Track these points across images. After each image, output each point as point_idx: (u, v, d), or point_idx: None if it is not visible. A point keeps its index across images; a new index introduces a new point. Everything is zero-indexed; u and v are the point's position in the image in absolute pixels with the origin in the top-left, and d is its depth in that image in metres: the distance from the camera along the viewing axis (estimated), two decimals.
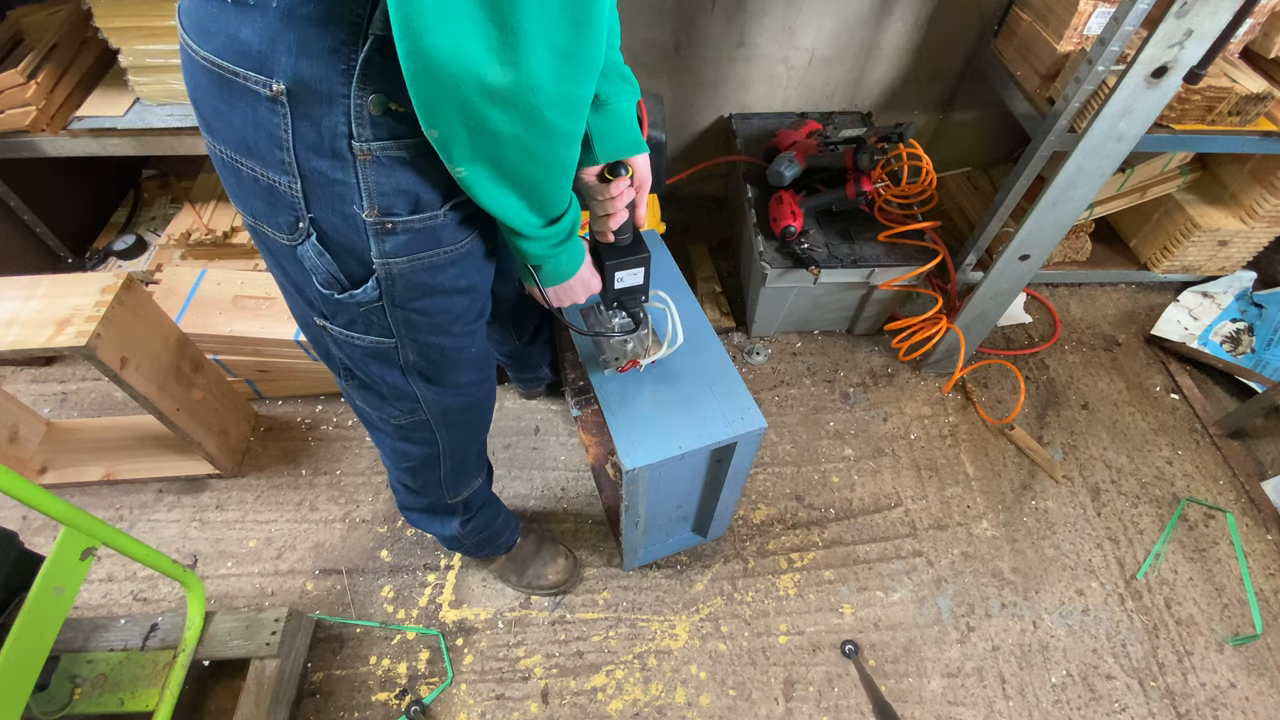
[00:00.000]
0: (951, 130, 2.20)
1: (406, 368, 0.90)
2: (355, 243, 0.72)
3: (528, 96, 0.58)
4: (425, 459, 1.09)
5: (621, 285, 1.03)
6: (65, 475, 1.58)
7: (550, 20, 0.53)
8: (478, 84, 0.56)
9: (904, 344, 1.87)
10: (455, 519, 1.26)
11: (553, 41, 0.55)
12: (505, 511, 1.40)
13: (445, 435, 1.06)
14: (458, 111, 0.59)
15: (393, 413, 0.99)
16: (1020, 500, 1.69)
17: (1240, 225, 1.95)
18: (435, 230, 0.74)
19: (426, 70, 0.55)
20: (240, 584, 1.50)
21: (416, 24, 0.52)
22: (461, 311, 0.88)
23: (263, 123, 0.63)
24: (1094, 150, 1.28)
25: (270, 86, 0.60)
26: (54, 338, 1.20)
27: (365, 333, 0.83)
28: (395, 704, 1.35)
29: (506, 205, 0.71)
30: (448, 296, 0.83)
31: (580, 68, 0.59)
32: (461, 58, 0.54)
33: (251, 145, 0.65)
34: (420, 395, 0.96)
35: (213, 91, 0.64)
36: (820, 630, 1.47)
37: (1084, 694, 1.41)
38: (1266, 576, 1.57)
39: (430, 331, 0.86)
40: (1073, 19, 1.54)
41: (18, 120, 1.51)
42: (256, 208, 0.72)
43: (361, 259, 0.73)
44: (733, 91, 2.03)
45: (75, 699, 1.20)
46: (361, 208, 0.68)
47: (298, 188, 0.67)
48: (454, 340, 0.91)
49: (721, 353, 1.22)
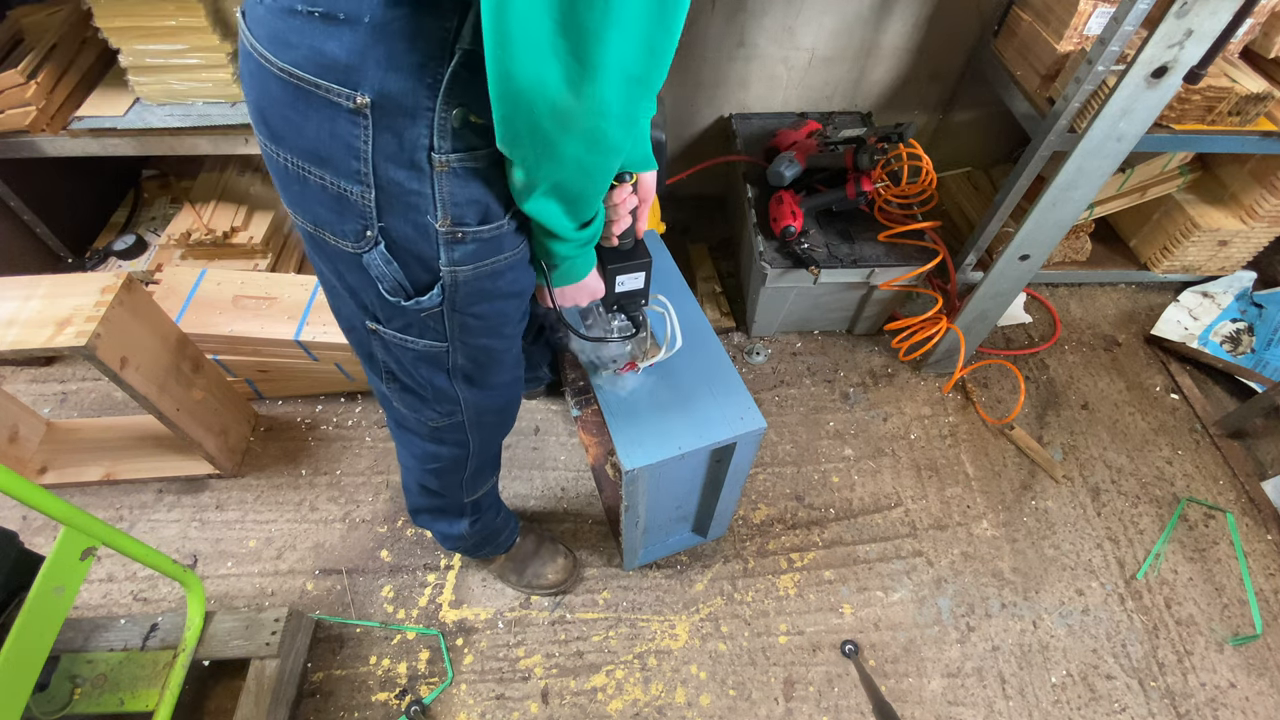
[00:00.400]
0: (951, 130, 2.20)
1: (453, 370, 0.92)
2: (425, 251, 0.73)
3: (595, 120, 0.61)
4: (454, 460, 1.11)
5: (622, 289, 1.05)
6: (65, 475, 1.58)
7: (628, 52, 0.56)
8: (550, 107, 0.59)
9: (904, 344, 1.87)
10: (465, 519, 1.27)
11: (626, 69, 0.57)
12: (505, 511, 1.40)
13: (477, 436, 1.08)
14: (529, 129, 0.61)
15: (431, 415, 1.00)
16: (1020, 500, 1.69)
17: (1240, 225, 1.95)
18: (500, 239, 0.76)
19: (508, 91, 0.58)
20: (240, 584, 1.50)
21: (505, 50, 0.55)
22: (511, 314, 0.90)
23: (341, 134, 0.64)
24: (1094, 150, 1.28)
25: (354, 99, 0.61)
26: (54, 338, 1.20)
27: (420, 336, 0.85)
28: (395, 704, 1.35)
29: (552, 212, 0.74)
30: (503, 300, 0.85)
31: (648, 89, 0.62)
32: (540, 84, 0.57)
33: (325, 155, 0.66)
34: (462, 397, 0.98)
35: (286, 101, 0.64)
36: (820, 630, 1.47)
37: (1084, 694, 1.41)
38: (1266, 576, 1.57)
39: (483, 335, 0.89)
40: (1073, 19, 1.54)
41: (18, 120, 1.51)
42: (320, 215, 0.73)
43: (429, 267, 0.75)
44: (733, 91, 2.03)
45: (75, 699, 1.20)
46: (435, 217, 0.70)
47: (371, 197, 0.68)
48: (501, 342, 0.93)
49: (721, 353, 1.22)
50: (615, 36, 0.54)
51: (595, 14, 0.53)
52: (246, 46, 0.66)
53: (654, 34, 0.56)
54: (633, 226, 0.99)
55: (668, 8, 0.55)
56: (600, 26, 0.53)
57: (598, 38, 0.54)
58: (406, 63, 0.60)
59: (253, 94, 0.68)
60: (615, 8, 0.52)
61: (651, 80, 0.61)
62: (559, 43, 0.54)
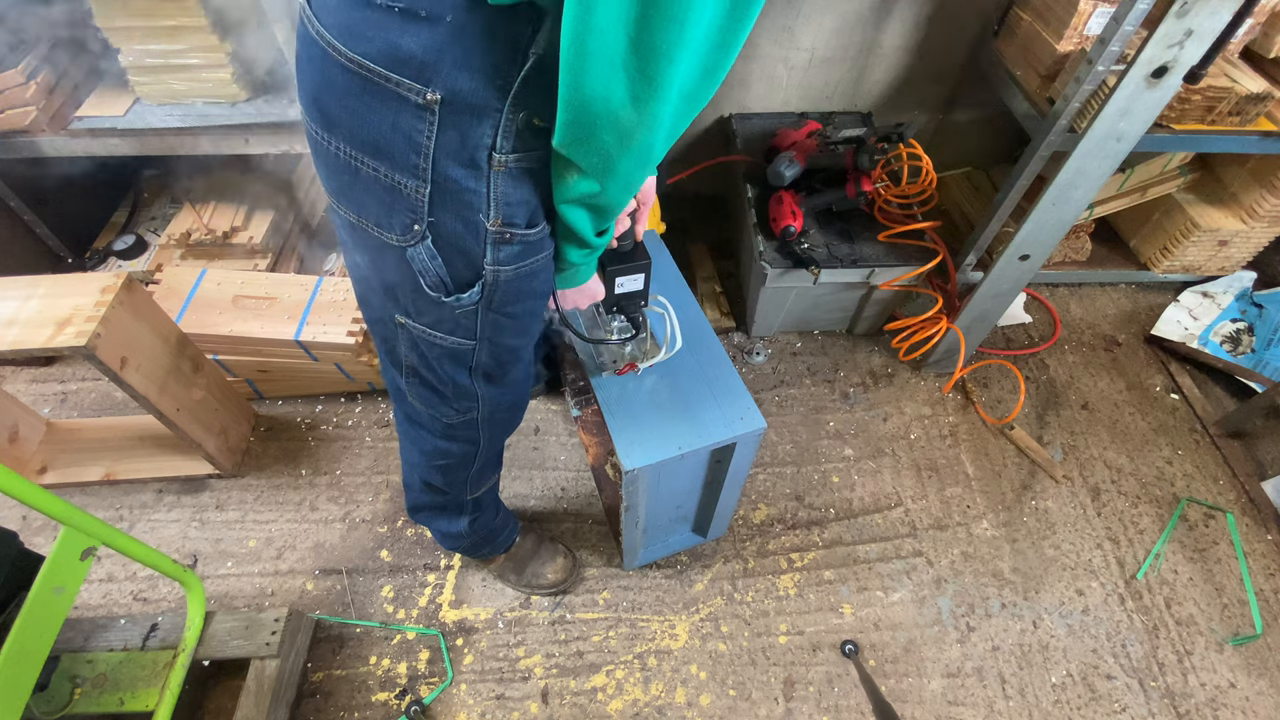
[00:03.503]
0: (951, 130, 2.19)
1: (475, 368, 0.93)
2: (472, 248, 0.75)
3: (648, 135, 0.63)
4: (463, 457, 1.11)
5: (622, 290, 1.06)
6: (65, 475, 1.58)
7: (691, 72, 0.59)
8: (613, 119, 0.61)
9: (904, 344, 1.87)
10: (465, 516, 1.28)
11: (685, 88, 0.61)
12: (505, 511, 1.40)
13: (487, 433, 1.09)
14: (589, 136, 0.63)
15: (448, 412, 1.01)
16: (1020, 500, 1.69)
17: (1240, 225, 1.95)
18: (541, 240, 0.78)
19: (576, 99, 0.60)
20: (240, 584, 1.50)
21: (580, 62, 0.57)
22: (539, 312, 0.92)
23: (404, 127, 0.65)
24: (1094, 150, 1.28)
25: (425, 95, 0.62)
26: (54, 338, 1.20)
27: (450, 333, 0.86)
28: (395, 704, 1.35)
29: (580, 218, 0.76)
30: (534, 300, 0.87)
31: (696, 107, 0.65)
32: (607, 97, 0.59)
33: (384, 147, 0.67)
34: (480, 394, 0.99)
35: (350, 90, 0.65)
36: (820, 630, 1.47)
37: (1084, 694, 1.41)
38: (1266, 576, 1.57)
39: (510, 334, 0.90)
40: (1073, 19, 1.54)
41: (18, 120, 1.51)
42: (367, 206, 0.73)
43: (473, 264, 0.76)
44: (733, 91, 2.03)
45: (75, 699, 1.20)
46: (488, 216, 0.72)
47: (425, 192, 0.69)
48: (524, 340, 0.95)
49: (721, 353, 1.22)
50: (682, 57, 0.57)
51: (669, 36, 0.55)
52: (310, 33, 0.66)
53: (716, 56, 0.59)
54: (632, 229, 1.00)
55: (731, 33, 0.57)
56: (671, 47, 0.55)
57: (667, 58, 0.56)
58: (481, 64, 0.61)
59: (310, 81, 0.68)
60: (688, 31, 0.55)
61: (701, 98, 0.64)
62: (630, 60, 0.57)
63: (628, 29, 0.55)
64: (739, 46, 0.59)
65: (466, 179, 0.68)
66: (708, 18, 0.55)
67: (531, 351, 1.04)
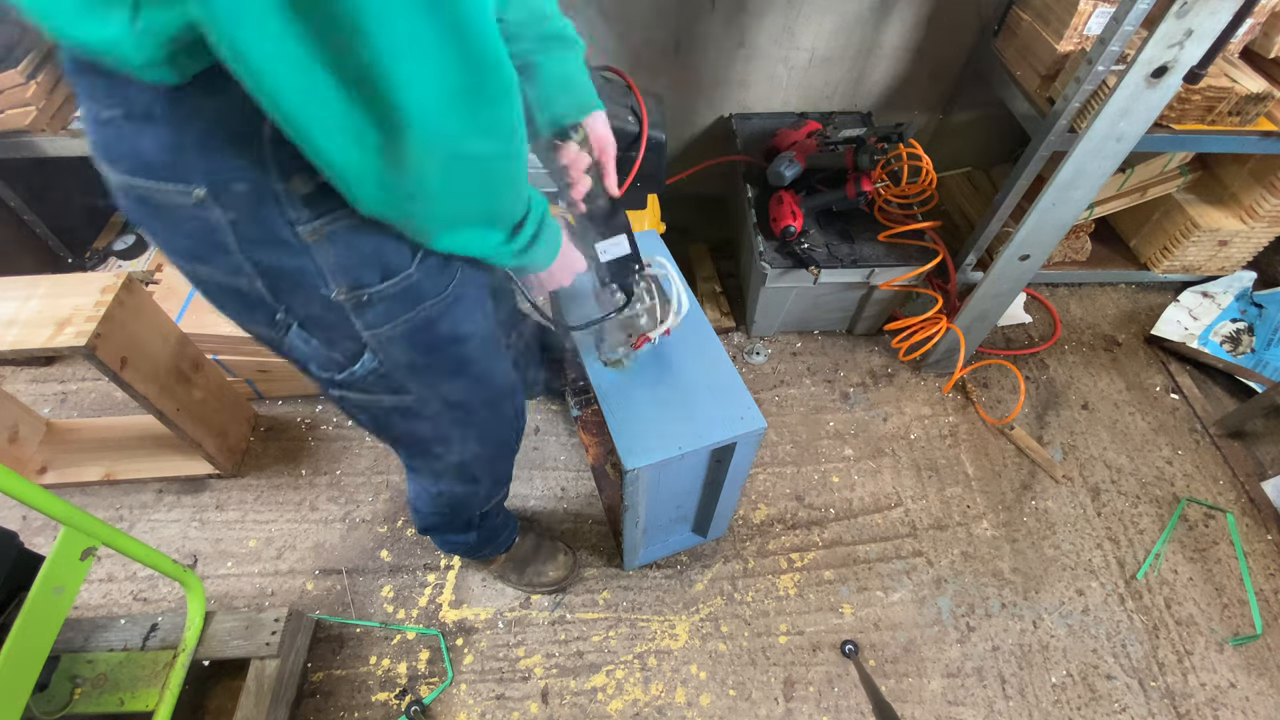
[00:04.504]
0: (951, 130, 2.19)
1: (436, 418, 0.88)
2: (337, 322, 0.69)
3: (441, 147, 0.54)
4: (468, 494, 1.10)
5: (608, 257, 0.96)
6: (65, 475, 1.58)
7: (431, 77, 0.49)
8: (377, 181, 0.54)
9: (904, 344, 1.86)
10: (473, 530, 1.27)
11: (445, 86, 0.50)
12: (506, 512, 1.40)
13: (485, 470, 1.07)
14: (379, 197, 0.56)
15: (431, 461, 0.98)
16: (1020, 500, 1.69)
17: (1240, 225, 1.95)
18: (412, 288, 0.70)
19: (331, 175, 0.54)
20: (240, 584, 1.50)
21: (303, 137, 0.51)
22: (474, 355, 0.84)
23: (200, 230, 0.59)
24: (1094, 150, 1.28)
25: (192, 193, 0.56)
26: (54, 338, 1.20)
27: (385, 392, 0.81)
28: (395, 704, 1.35)
29: (468, 240, 0.68)
30: (452, 346, 0.80)
31: (482, 94, 0.53)
32: (358, 163, 0.52)
33: (200, 254, 0.62)
34: (455, 439, 0.94)
35: (145, 212, 0.60)
36: (820, 630, 1.47)
37: (1084, 694, 1.41)
38: (1266, 576, 1.57)
39: (449, 379, 0.84)
40: (1073, 19, 1.54)
41: (18, 120, 1.51)
42: (236, 312, 0.69)
43: (348, 334, 0.70)
44: (733, 91, 2.03)
45: (75, 699, 1.20)
46: (329, 289, 0.65)
47: (260, 285, 0.63)
48: (476, 382, 0.88)
49: (721, 353, 1.22)
50: (405, 70, 0.47)
51: (367, 51, 0.45)
52: (103, 172, 0.59)
53: (450, 43, 0.48)
54: (598, 185, 0.88)
55: (445, 8, 0.46)
56: (378, 64, 0.46)
57: (385, 79, 0.46)
58: (222, 143, 0.55)
59: (133, 221, 0.62)
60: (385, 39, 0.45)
61: (485, 83, 0.52)
62: (355, 112, 0.48)
63: (330, 72, 0.46)
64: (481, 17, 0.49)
65: (286, 259, 0.61)
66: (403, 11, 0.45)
67: (508, 386, 0.98)
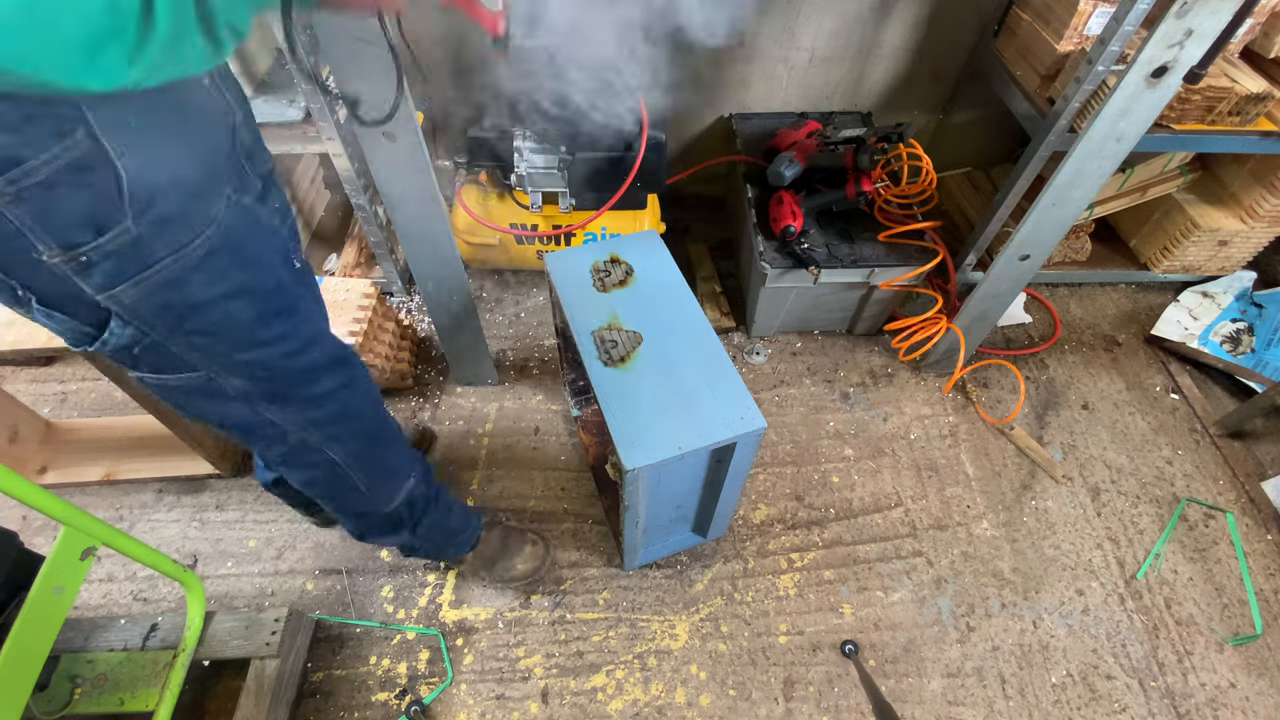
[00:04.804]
0: (951, 130, 2.20)
1: (242, 396, 0.83)
2: (68, 289, 0.63)
3: None
4: (331, 479, 1.03)
5: None
6: (65, 475, 1.58)
7: None
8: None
9: (904, 344, 1.87)
10: (404, 529, 1.23)
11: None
12: (462, 508, 1.37)
13: (338, 450, 0.99)
14: None
15: (263, 446, 0.92)
16: (1020, 500, 1.69)
17: (1240, 225, 1.95)
18: (139, 243, 0.63)
19: None
20: (240, 584, 1.50)
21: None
22: (251, 318, 0.77)
23: None
24: (1094, 150, 1.28)
25: None
26: (54, 338, 1.20)
27: (173, 371, 0.76)
28: (395, 704, 1.35)
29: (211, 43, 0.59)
30: (217, 306, 0.73)
31: None
32: None
33: None
34: (279, 420, 0.88)
35: None
36: (820, 630, 1.47)
37: (1084, 694, 1.41)
38: (1266, 576, 1.57)
39: (234, 350, 0.77)
40: (1073, 19, 1.54)
41: None
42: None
43: (83, 301, 0.65)
44: (733, 91, 2.03)
45: (75, 699, 1.20)
46: (40, 252, 0.59)
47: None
48: (272, 349, 0.81)
49: (721, 353, 1.22)
50: None
51: None
52: None
53: None
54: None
55: None
56: None
57: None
58: None
59: None
60: None
61: None
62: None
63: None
64: None
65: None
66: None
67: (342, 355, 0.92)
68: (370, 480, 1.08)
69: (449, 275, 1.47)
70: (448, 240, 1.38)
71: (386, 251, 1.87)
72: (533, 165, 1.70)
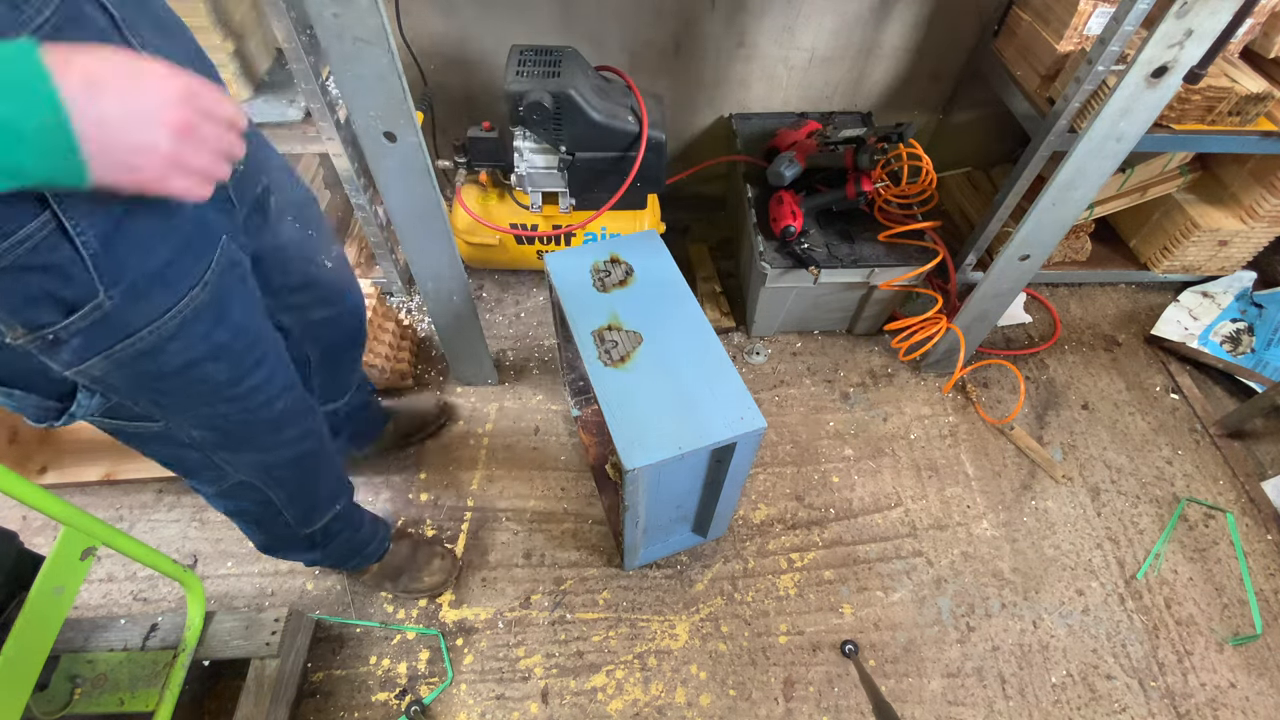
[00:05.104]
0: (951, 130, 2.19)
1: (198, 445, 0.79)
2: (31, 365, 0.60)
3: None
4: (262, 513, 1.02)
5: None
6: (65, 475, 1.58)
7: None
8: None
9: (904, 344, 1.87)
10: (316, 549, 1.22)
11: None
12: (370, 523, 1.35)
13: (279, 492, 0.98)
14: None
15: (200, 482, 0.90)
16: (1020, 500, 1.69)
17: (1240, 225, 1.95)
18: (112, 320, 0.59)
19: None
20: (240, 584, 1.50)
21: None
22: (226, 378, 0.73)
23: None
24: (1094, 150, 1.28)
25: None
26: None
27: (128, 419, 0.72)
28: (395, 704, 1.35)
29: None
30: (194, 369, 0.69)
31: None
32: None
33: None
34: (229, 465, 0.86)
35: None
36: (820, 630, 1.47)
37: (1084, 694, 1.41)
38: (1266, 576, 1.57)
39: (203, 405, 0.74)
40: (1073, 19, 1.55)
41: None
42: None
43: (50, 377, 0.62)
44: (733, 91, 2.03)
45: (75, 699, 1.20)
46: (3, 334, 0.56)
47: None
48: (244, 403, 0.77)
49: (721, 353, 1.22)
50: None
51: None
52: None
53: None
54: None
55: None
56: None
57: None
58: None
59: None
60: None
61: None
62: None
63: None
64: None
65: None
66: None
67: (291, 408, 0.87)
68: (300, 513, 1.08)
69: (449, 275, 1.47)
70: (448, 240, 1.38)
71: (386, 251, 1.87)
72: (533, 165, 1.70)
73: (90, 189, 0.50)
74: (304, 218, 0.95)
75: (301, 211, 0.94)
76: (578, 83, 1.57)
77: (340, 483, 1.18)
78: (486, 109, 1.99)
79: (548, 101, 1.54)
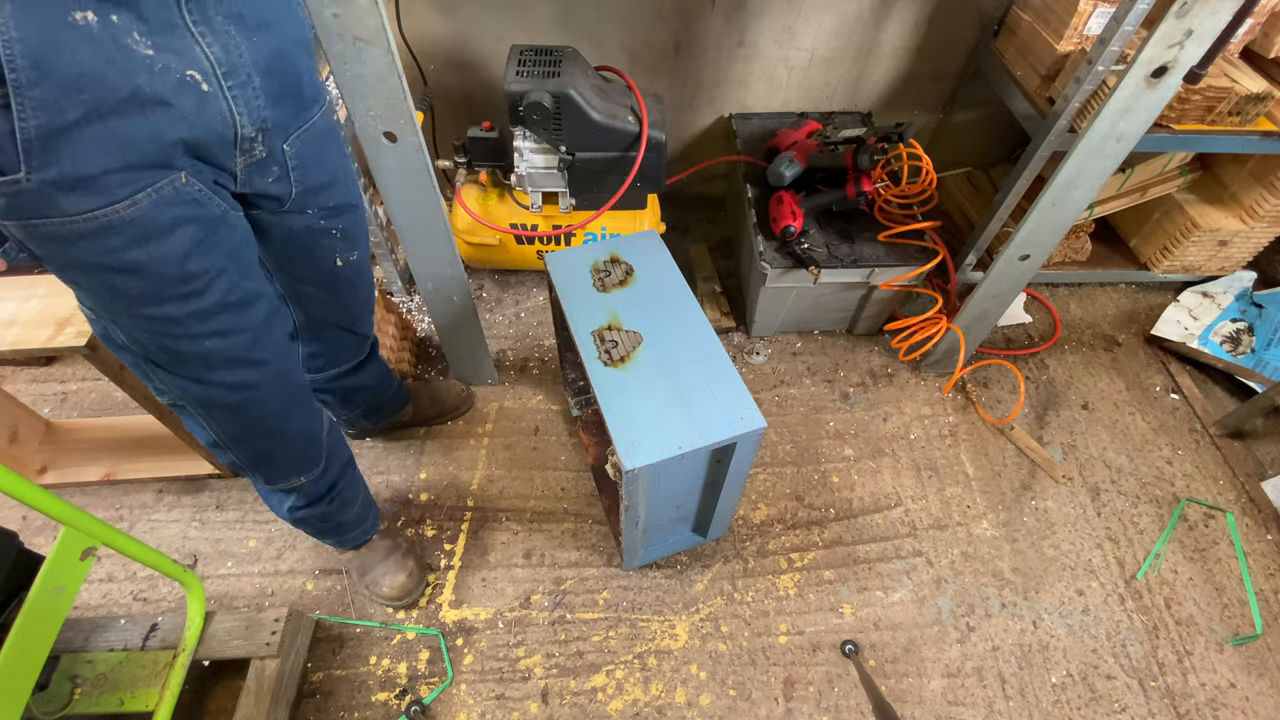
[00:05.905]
0: (951, 130, 2.20)
1: (125, 346, 0.84)
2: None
3: None
4: (210, 441, 1.02)
5: None
6: (65, 475, 1.58)
7: None
8: None
9: (904, 344, 1.87)
10: (285, 503, 1.21)
11: None
12: (361, 508, 1.35)
13: (219, 431, 0.98)
14: None
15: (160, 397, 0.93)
16: (1020, 500, 1.69)
17: (1240, 225, 1.95)
18: (26, 195, 0.64)
19: None
20: (240, 584, 1.50)
21: None
22: (138, 295, 0.76)
23: None
24: (1094, 150, 1.28)
25: None
26: (54, 338, 1.20)
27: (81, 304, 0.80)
28: (395, 704, 1.35)
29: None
30: (103, 275, 0.73)
31: None
32: None
33: None
34: (161, 383, 0.88)
35: None
36: (820, 630, 1.47)
37: (1084, 694, 1.41)
38: (1266, 576, 1.57)
39: (119, 309, 0.78)
40: (1073, 19, 1.55)
41: None
42: None
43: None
44: (733, 91, 2.03)
45: (75, 699, 1.20)
46: None
47: None
48: (154, 328, 0.80)
49: (721, 353, 1.22)
50: None
51: None
52: None
53: None
54: None
55: None
56: None
57: None
58: None
59: None
60: None
61: None
62: None
63: None
64: None
65: None
66: None
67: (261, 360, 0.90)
68: (248, 461, 1.07)
69: (449, 275, 1.47)
70: (448, 240, 1.38)
71: (386, 251, 1.87)
72: (533, 165, 1.70)
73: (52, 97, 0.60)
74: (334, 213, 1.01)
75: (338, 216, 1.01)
76: (578, 83, 1.58)
77: (309, 456, 1.14)
78: (486, 109, 2.00)
79: (548, 101, 1.54)
